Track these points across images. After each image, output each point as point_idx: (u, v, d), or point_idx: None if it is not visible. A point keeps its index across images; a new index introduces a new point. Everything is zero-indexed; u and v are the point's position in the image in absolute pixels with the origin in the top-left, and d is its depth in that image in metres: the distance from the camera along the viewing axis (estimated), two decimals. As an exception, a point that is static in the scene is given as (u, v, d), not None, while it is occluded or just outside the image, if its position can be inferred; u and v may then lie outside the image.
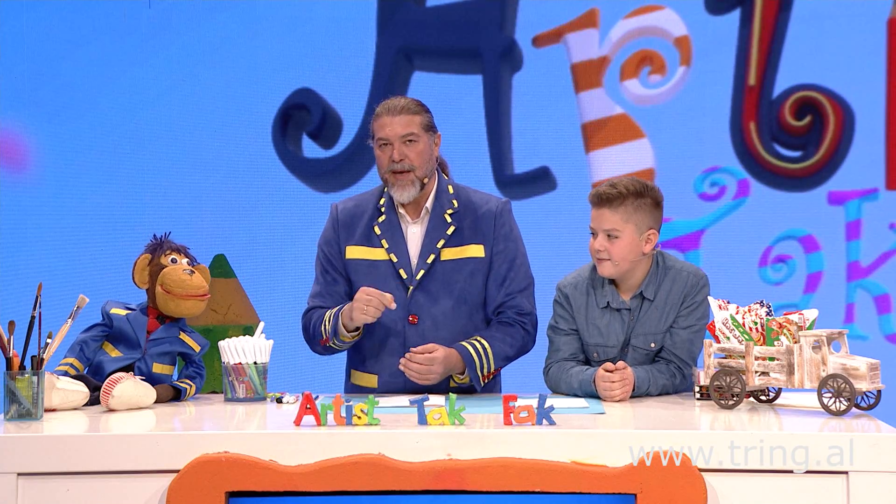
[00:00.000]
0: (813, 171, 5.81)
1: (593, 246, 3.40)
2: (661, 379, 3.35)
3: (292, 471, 2.65)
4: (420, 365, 3.38)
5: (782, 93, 5.83)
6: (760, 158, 5.80)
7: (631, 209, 3.36)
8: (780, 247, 5.82)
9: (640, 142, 5.84)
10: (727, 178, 5.81)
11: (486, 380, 3.51)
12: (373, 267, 3.56)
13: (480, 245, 3.55)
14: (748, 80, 5.81)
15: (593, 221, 3.40)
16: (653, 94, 5.87)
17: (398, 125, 3.48)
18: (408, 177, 3.49)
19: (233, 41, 5.85)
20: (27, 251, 5.72)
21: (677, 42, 5.84)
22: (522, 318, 3.54)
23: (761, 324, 3.10)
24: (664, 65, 5.86)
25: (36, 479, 2.68)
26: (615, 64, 5.88)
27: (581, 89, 5.87)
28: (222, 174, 5.82)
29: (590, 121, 5.86)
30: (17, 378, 2.92)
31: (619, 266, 3.39)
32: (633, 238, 3.37)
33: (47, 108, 5.78)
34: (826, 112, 5.80)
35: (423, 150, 3.50)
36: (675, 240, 5.76)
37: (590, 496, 2.65)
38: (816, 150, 5.81)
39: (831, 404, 2.91)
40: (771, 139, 5.83)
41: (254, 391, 3.30)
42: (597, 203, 3.39)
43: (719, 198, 5.81)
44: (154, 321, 3.37)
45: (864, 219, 5.76)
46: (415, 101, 3.55)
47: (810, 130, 5.82)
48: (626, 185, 3.37)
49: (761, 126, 5.81)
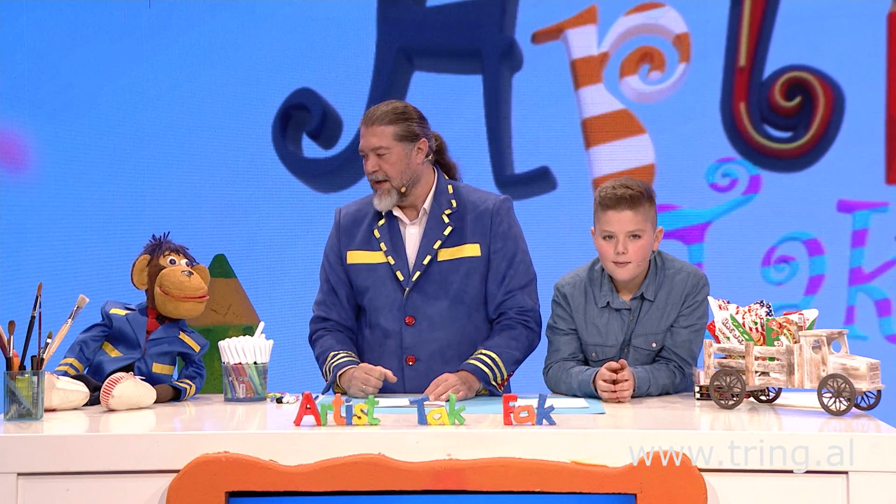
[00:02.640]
0: (803, 151, 5.81)
1: (613, 249, 3.34)
2: (661, 379, 3.35)
3: (292, 471, 2.65)
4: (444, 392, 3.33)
5: (772, 74, 5.83)
6: (750, 139, 5.80)
7: (647, 207, 3.36)
8: (784, 247, 5.82)
9: (640, 137, 5.83)
10: (740, 171, 5.80)
11: (501, 387, 3.52)
12: (371, 270, 3.56)
13: (476, 244, 3.54)
14: (738, 61, 5.81)
15: (612, 225, 3.34)
16: (653, 90, 5.87)
17: (371, 137, 3.49)
18: (383, 186, 3.50)
19: (233, 41, 5.85)
20: (27, 251, 5.72)
21: (677, 39, 5.84)
22: (524, 315, 3.53)
23: (761, 324, 3.10)
24: (664, 62, 5.86)
25: (36, 479, 2.68)
26: (615, 61, 5.88)
27: (581, 85, 5.87)
28: (222, 174, 5.82)
29: (590, 117, 5.86)
30: (17, 378, 2.92)
31: (640, 266, 3.38)
32: (651, 237, 3.38)
33: (47, 108, 5.78)
34: (816, 93, 5.80)
35: (396, 161, 3.48)
36: (680, 230, 5.75)
37: (590, 496, 2.65)
38: (806, 131, 5.81)
39: (831, 404, 2.91)
40: (761, 120, 5.83)
41: (254, 391, 3.30)
42: (615, 205, 3.33)
43: (730, 189, 5.80)
44: (154, 321, 3.37)
45: (871, 229, 5.77)
46: (395, 109, 3.52)
47: (800, 111, 5.83)
48: (637, 184, 3.37)
49: (751, 107, 5.81)
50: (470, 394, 3.37)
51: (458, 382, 3.33)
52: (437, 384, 3.31)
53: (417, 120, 3.53)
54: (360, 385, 3.36)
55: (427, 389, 3.32)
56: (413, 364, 3.53)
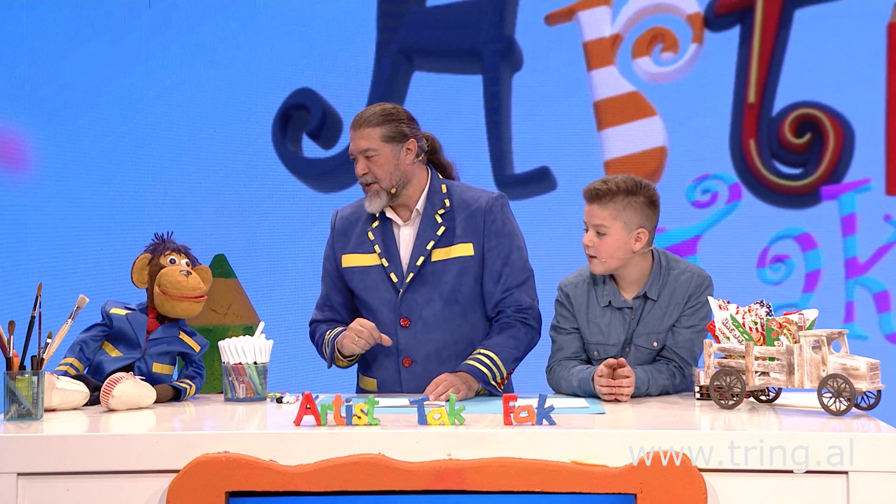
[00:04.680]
0: (812, 188, 5.82)
1: (584, 241, 3.41)
2: (661, 379, 3.35)
3: (292, 471, 2.65)
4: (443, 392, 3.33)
5: (782, 110, 5.84)
6: (760, 176, 5.81)
7: (620, 206, 3.35)
8: (778, 247, 5.82)
9: (651, 119, 5.83)
10: (718, 185, 5.82)
11: (501, 386, 3.51)
12: (365, 273, 3.56)
13: (469, 243, 3.53)
14: (748, 97, 5.81)
15: (585, 216, 3.41)
16: (665, 71, 5.86)
17: (359, 140, 3.50)
18: (372, 188, 3.51)
19: (233, 41, 5.85)
20: (27, 251, 5.72)
21: (689, 19, 5.84)
22: (523, 313, 3.52)
23: (761, 324, 3.10)
24: (676, 42, 5.86)
25: (36, 479, 2.68)
26: (627, 42, 5.87)
27: (593, 67, 5.87)
28: (222, 174, 5.82)
29: (602, 99, 5.86)
30: (17, 378, 2.92)
31: (607, 263, 3.38)
32: (622, 236, 3.36)
33: (47, 108, 5.78)
34: (826, 129, 5.80)
35: (384, 163, 3.49)
36: (671, 248, 5.76)
37: (590, 496, 2.65)
38: (816, 168, 5.82)
39: (831, 404, 2.91)
40: (771, 156, 5.83)
41: (254, 391, 3.30)
42: (587, 198, 3.40)
43: (711, 204, 5.82)
44: (154, 321, 3.37)
45: (858, 212, 5.77)
46: (382, 110, 3.52)
47: (810, 148, 5.83)
48: (618, 182, 3.37)
49: (761, 143, 5.82)
50: (469, 394, 3.37)
51: (459, 382, 3.33)
52: (436, 384, 3.31)
53: (406, 121, 3.53)
54: (353, 336, 3.40)
55: (427, 389, 3.32)
56: (409, 366, 3.53)
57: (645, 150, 5.77)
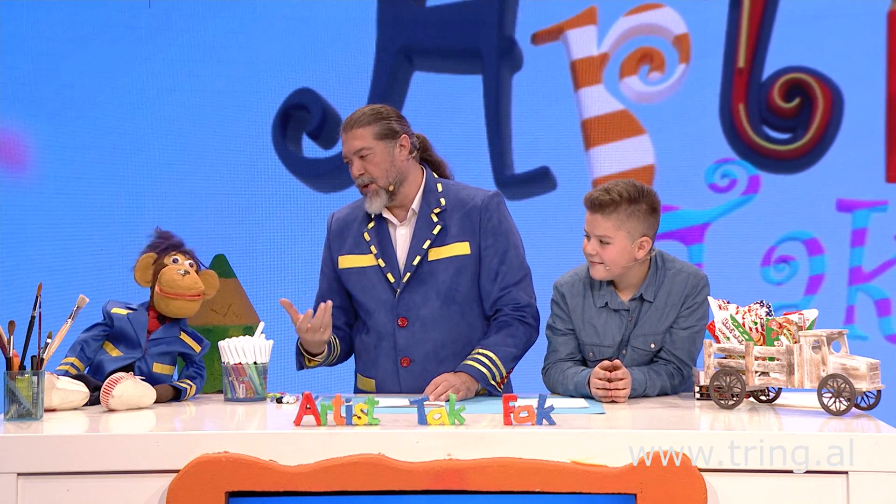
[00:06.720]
0: (802, 153, 5.81)
1: (586, 249, 3.39)
2: (658, 381, 3.34)
3: (292, 471, 2.65)
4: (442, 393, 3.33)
5: (771, 75, 5.84)
6: (749, 140, 5.80)
7: (624, 216, 3.33)
8: (784, 247, 5.82)
9: (640, 138, 5.84)
10: (739, 171, 5.81)
11: (501, 385, 3.51)
12: (362, 273, 3.56)
13: (466, 242, 3.53)
14: (737, 62, 5.82)
15: (587, 225, 3.38)
16: (652, 91, 5.87)
17: (351, 141, 3.49)
18: (370, 188, 3.50)
19: (233, 41, 5.85)
20: (27, 251, 5.72)
21: (676, 40, 5.84)
22: (520, 311, 3.51)
23: (761, 324, 3.10)
24: (664, 62, 5.86)
25: (36, 479, 2.68)
26: (615, 61, 5.88)
27: (581, 86, 5.87)
28: (222, 174, 5.82)
29: (590, 117, 5.86)
30: (17, 378, 2.92)
31: (611, 270, 3.38)
32: (625, 244, 3.34)
33: (47, 108, 5.78)
34: (815, 94, 5.81)
35: (379, 161, 3.49)
36: (680, 231, 5.75)
37: (590, 496, 2.65)
38: (805, 133, 5.81)
39: (831, 404, 2.91)
40: (760, 121, 5.83)
41: (254, 391, 3.30)
42: (590, 208, 3.36)
43: (729, 190, 5.81)
44: (155, 321, 3.37)
45: (870, 228, 5.77)
46: (371, 110, 3.53)
47: (799, 113, 5.83)
48: (621, 190, 3.33)
49: (750, 108, 5.82)
50: (469, 394, 3.37)
51: (458, 382, 3.33)
52: (436, 384, 3.31)
53: (395, 118, 3.54)
54: (302, 333, 3.37)
55: (426, 389, 3.32)
56: (408, 366, 3.53)
57: (634, 168, 5.76)
